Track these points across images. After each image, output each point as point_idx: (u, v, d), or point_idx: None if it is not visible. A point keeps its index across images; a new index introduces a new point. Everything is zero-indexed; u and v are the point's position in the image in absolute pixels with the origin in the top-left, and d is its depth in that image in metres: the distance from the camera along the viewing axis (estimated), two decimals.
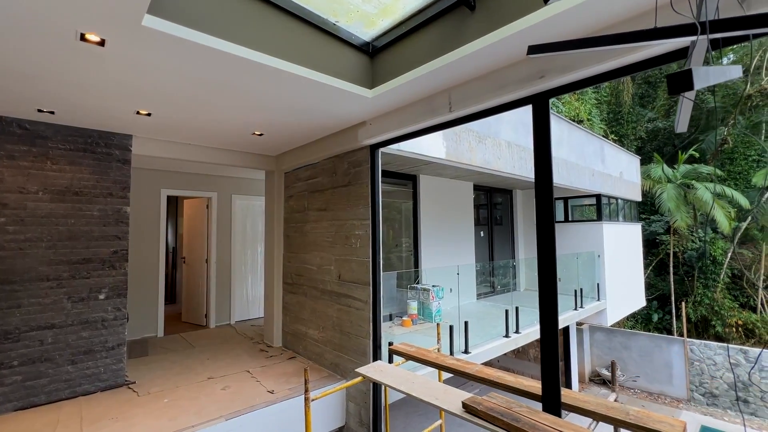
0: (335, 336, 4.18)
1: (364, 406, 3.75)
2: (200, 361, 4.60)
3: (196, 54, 2.28)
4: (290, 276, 5.11)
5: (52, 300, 3.50)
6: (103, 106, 3.16)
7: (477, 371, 2.99)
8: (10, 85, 2.70)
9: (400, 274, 7.12)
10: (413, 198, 7.41)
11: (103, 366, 3.73)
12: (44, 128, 3.52)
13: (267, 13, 2.47)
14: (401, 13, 2.67)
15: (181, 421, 3.09)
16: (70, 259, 3.60)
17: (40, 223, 3.48)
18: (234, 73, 2.58)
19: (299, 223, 4.95)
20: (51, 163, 3.55)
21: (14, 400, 3.30)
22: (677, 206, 13.74)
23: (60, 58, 2.30)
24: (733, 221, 13.16)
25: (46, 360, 3.45)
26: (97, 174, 3.77)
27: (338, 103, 3.21)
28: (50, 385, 3.47)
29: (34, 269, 3.43)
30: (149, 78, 2.63)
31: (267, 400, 3.48)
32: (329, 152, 4.27)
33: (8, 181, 3.36)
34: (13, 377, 3.30)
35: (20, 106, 3.14)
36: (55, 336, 3.50)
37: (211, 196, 6.66)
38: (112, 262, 3.82)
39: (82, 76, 2.57)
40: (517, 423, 2.16)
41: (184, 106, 3.21)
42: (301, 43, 2.64)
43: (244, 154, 5.01)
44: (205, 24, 2.18)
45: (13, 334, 3.32)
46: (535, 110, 2.50)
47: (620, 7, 1.83)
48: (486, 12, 2.26)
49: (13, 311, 3.33)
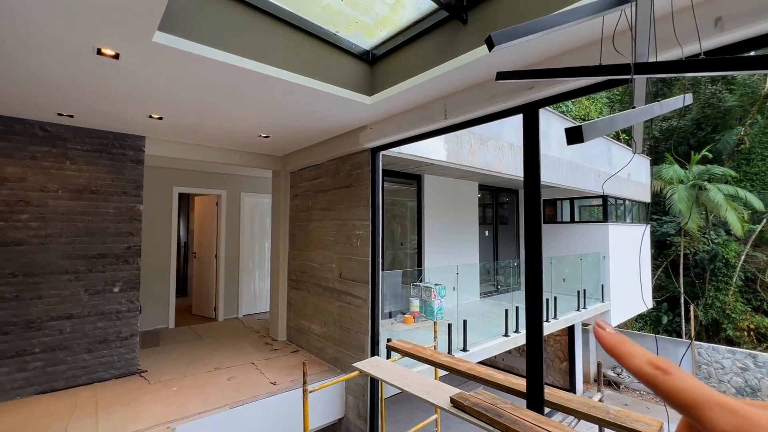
0: (336, 331, 4.35)
1: (362, 399, 3.91)
2: (208, 352, 4.82)
3: (203, 66, 2.44)
4: (295, 273, 5.29)
5: (70, 292, 3.73)
6: (118, 111, 3.35)
7: (468, 368, 3.11)
8: (33, 91, 2.90)
9: (404, 272, 7.26)
10: (418, 197, 7.52)
11: (117, 355, 3.96)
12: (64, 130, 3.74)
13: (270, 25, 2.61)
14: (398, 24, 2.78)
15: (188, 408, 3.29)
16: (87, 254, 3.82)
17: (60, 219, 3.70)
18: (239, 83, 2.73)
19: (304, 221, 5.11)
20: (70, 163, 3.77)
21: (36, 384, 3.54)
22: (688, 207, 13.56)
23: (79, 69, 2.48)
24: (746, 224, 12.93)
25: (64, 348, 3.69)
26: (112, 173, 3.98)
27: (339, 108, 3.34)
28: (69, 371, 3.71)
29: (54, 263, 3.66)
30: (160, 86, 2.79)
31: (269, 391, 3.66)
32: (333, 154, 4.41)
33: (31, 180, 3.58)
34: (35, 363, 3.55)
35: (42, 110, 3.35)
36: (73, 326, 3.74)
37: (221, 194, 6.88)
38: (126, 257, 4.03)
39: (99, 84, 2.75)
40: (499, 418, 2.29)
41: (193, 111, 3.38)
42: (303, 53, 2.77)
43: (252, 155, 5.18)
44: (212, 38, 2.33)
45: (35, 323, 3.56)
46: (525, 119, 2.60)
47: (575, 37, 1.94)
48: (477, 26, 2.36)
49: (36, 302, 3.57)
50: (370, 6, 2.60)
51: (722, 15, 1.68)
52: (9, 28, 1.99)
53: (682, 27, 1.58)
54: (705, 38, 1.71)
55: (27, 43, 2.14)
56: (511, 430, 2.19)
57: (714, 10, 1.70)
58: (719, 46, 1.76)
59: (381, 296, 3.98)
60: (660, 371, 0.25)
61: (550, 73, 1.06)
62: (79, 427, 2.97)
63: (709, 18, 1.71)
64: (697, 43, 1.26)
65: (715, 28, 1.70)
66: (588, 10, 0.88)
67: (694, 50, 1.66)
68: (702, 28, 1.70)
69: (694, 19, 1.36)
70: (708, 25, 1.71)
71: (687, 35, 1.52)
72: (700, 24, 1.70)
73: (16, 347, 3.46)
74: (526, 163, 2.55)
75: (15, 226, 3.50)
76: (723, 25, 1.68)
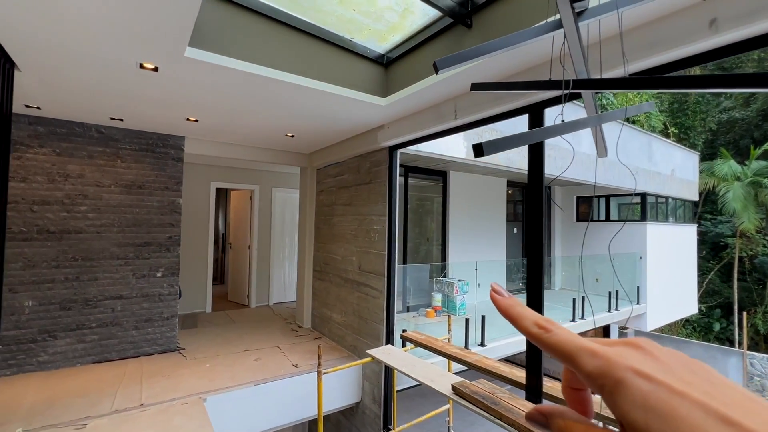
0: (355, 321, 4.58)
1: (377, 385, 4.12)
2: (239, 335, 5.23)
3: (229, 75, 2.71)
4: (319, 264, 5.58)
5: (120, 275, 4.22)
6: (160, 115, 3.74)
7: (476, 360, 3.22)
8: (91, 100, 3.33)
9: (429, 266, 7.38)
10: (443, 193, 7.59)
11: (159, 333, 4.43)
12: (115, 132, 4.21)
13: (289, 35, 2.83)
14: (409, 30, 2.92)
15: (218, 382, 3.66)
16: (134, 242, 4.29)
17: (112, 211, 4.19)
18: (262, 89, 2.99)
19: (328, 216, 5.38)
20: (120, 161, 4.24)
21: (92, 354, 4.06)
22: (744, 207, 12.56)
23: (125, 80, 2.84)
24: None
25: (116, 324, 4.19)
26: (156, 170, 4.43)
27: (356, 110, 3.53)
28: (119, 345, 4.21)
29: (107, 249, 4.16)
30: (194, 93, 3.11)
31: (291, 372, 3.96)
32: (354, 152, 4.61)
33: (88, 176, 4.08)
34: (92, 336, 4.06)
35: (97, 116, 3.81)
36: (123, 305, 4.23)
37: (254, 189, 7.32)
38: (168, 245, 4.48)
39: (143, 93, 3.11)
40: (495, 406, 2.41)
41: (224, 114, 3.70)
42: (320, 59, 2.98)
43: (280, 152, 5.51)
44: (237, 50, 2.59)
45: (92, 302, 4.07)
46: (530, 119, 2.65)
47: (536, 56, 1.98)
48: (480, 30, 2.45)
49: (92, 283, 4.08)
50: (381, 14, 2.75)
51: (717, 17, 1.69)
52: (73, 53, 2.35)
53: (626, 47, 1.76)
54: (702, 39, 1.73)
55: (86, 62, 2.50)
56: (505, 417, 2.31)
57: (709, 12, 1.71)
58: (716, 47, 1.77)
59: (396, 288, 4.15)
60: (543, 330, 0.27)
61: (512, 85, 1.18)
62: (127, 393, 3.41)
63: (704, 20, 1.72)
64: (642, 61, 1.31)
65: (710, 29, 1.71)
66: (531, 33, 0.99)
67: (639, 67, 1.77)
68: (698, 30, 1.73)
69: (621, 46, 1.47)
70: (703, 26, 1.72)
71: (631, 55, 1.66)
72: (694, 26, 1.73)
73: (76, 321, 3.99)
74: (531, 162, 2.61)
75: (76, 216, 4.01)
76: (718, 27, 1.69)
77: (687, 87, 0.88)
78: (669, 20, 1.80)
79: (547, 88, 1.03)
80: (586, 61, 1.00)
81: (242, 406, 3.56)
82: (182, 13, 1.96)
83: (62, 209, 3.95)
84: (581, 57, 0.95)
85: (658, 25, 1.81)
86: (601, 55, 0.97)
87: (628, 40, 1.64)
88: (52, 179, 3.90)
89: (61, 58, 2.46)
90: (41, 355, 3.83)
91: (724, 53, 1.74)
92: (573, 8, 0.88)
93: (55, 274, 3.90)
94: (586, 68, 1.03)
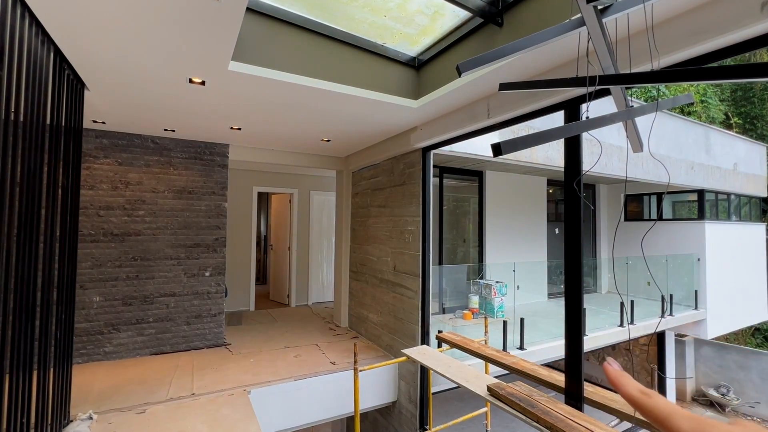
0: (390, 321, 4.64)
1: (413, 385, 4.15)
2: (280, 333, 5.46)
3: (269, 86, 2.87)
4: (355, 265, 5.70)
5: (174, 274, 4.57)
6: (207, 125, 4.02)
7: (513, 363, 3.17)
8: (147, 113, 3.65)
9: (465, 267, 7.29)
10: (479, 193, 7.47)
11: (207, 329, 4.73)
12: (168, 142, 4.56)
13: (324, 45, 2.95)
14: (440, 32, 2.94)
15: (261, 376, 3.85)
16: (185, 243, 4.63)
17: (166, 215, 4.54)
18: (301, 97, 3.14)
19: (363, 218, 5.49)
20: (173, 169, 4.59)
21: (150, 347, 4.42)
22: None
23: (177, 94, 3.09)
24: None
25: (170, 320, 4.53)
26: (203, 176, 4.75)
27: (389, 113, 3.59)
28: (173, 339, 4.55)
29: (162, 250, 4.51)
30: (238, 103, 3.33)
31: (329, 369, 4.09)
32: (388, 154, 4.68)
33: (145, 183, 4.46)
34: (149, 330, 4.43)
35: (152, 127, 4.16)
36: (176, 302, 4.57)
37: (293, 192, 7.61)
38: (214, 247, 4.78)
39: (192, 105, 3.37)
40: (532, 408, 2.36)
41: (265, 122, 3.91)
42: (354, 66, 3.08)
43: (318, 157, 5.70)
44: (276, 62, 2.74)
45: (149, 299, 4.44)
46: (567, 115, 2.58)
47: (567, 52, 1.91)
48: (511, 28, 2.43)
49: (149, 281, 4.45)
50: (412, 18, 2.80)
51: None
52: (133, 72, 2.61)
53: (642, 45, 1.63)
54: (752, 24, 1.62)
55: (144, 80, 2.77)
56: (542, 420, 2.26)
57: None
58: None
59: (431, 289, 4.16)
60: (645, 395, 0.32)
61: (535, 84, 1.19)
62: (180, 383, 3.68)
63: (755, 2, 1.61)
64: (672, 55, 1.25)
65: (762, 12, 1.60)
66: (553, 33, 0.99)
67: (681, 57, 1.68)
68: (747, 15, 1.62)
69: (648, 38, 1.39)
70: (754, 10, 1.61)
71: (672, 46, 1.58)
72: (746, 9, 1.63)
73: (136, 316, 4.36)
74: (567, 159, 2.54)
75: (135, 220, 4.39)
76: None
77: (722, 78, 0.85)
78: (713, 7, 1.70)
79: (573, 85, 1.02)
80: (613, 57, 0.98)
81: (284, 400, 3.73)
82: (225, 30, 2.12)
83: (123, 213, 4.35)
84: (606, 53, 0.94)
85: (700, 13, 1.71)
86: (630, 49, 0.95)
87: (666, 31, 1.57)
88: (114, 186, 4.31)
89: (123, 77, 2.74)
90: (107, 345, 4.23)
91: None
92: (595, 6, 0.87)
93: (118, 272, 4.30)
94: (613, 63, 1.02)
